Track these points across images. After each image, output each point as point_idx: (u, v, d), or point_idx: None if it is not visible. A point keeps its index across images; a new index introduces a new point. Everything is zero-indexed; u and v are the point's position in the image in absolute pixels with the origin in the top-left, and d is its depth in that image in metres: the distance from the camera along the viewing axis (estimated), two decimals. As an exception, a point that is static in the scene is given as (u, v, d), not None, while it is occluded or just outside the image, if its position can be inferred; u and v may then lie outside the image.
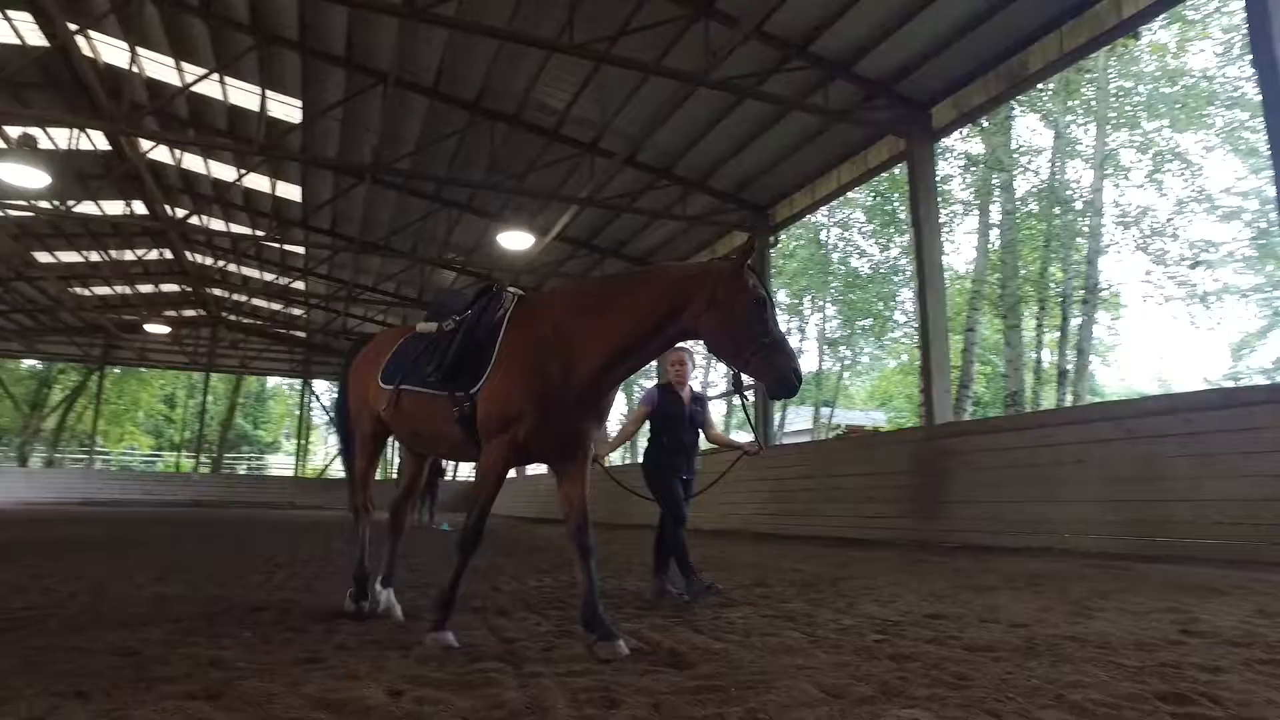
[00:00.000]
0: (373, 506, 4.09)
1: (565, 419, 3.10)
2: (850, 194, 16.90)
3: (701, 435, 5.17)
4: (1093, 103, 17.76)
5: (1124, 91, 17.62)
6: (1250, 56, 7.73)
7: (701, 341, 3.12)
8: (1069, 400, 18.21)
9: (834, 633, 3.44)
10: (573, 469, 3.26)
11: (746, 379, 3.11)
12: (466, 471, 33.21)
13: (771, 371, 2.89)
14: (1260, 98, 7.21)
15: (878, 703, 2.22)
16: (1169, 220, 17.52)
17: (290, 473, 35.48)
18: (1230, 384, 20.40)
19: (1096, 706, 2.15)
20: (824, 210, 19.99)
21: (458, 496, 29.98)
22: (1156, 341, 46.66)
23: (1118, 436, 7.33)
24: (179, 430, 42.50)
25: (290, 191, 18.39)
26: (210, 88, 13.88)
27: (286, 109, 14.30)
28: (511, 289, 3.45)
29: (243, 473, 39.63)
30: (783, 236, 15.08)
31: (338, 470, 31.74)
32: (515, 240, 15.24)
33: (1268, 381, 17.88)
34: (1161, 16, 11.65)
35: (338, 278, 24.08)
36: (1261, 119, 8.23)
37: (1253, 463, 6.20)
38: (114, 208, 19.93)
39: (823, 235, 25.59)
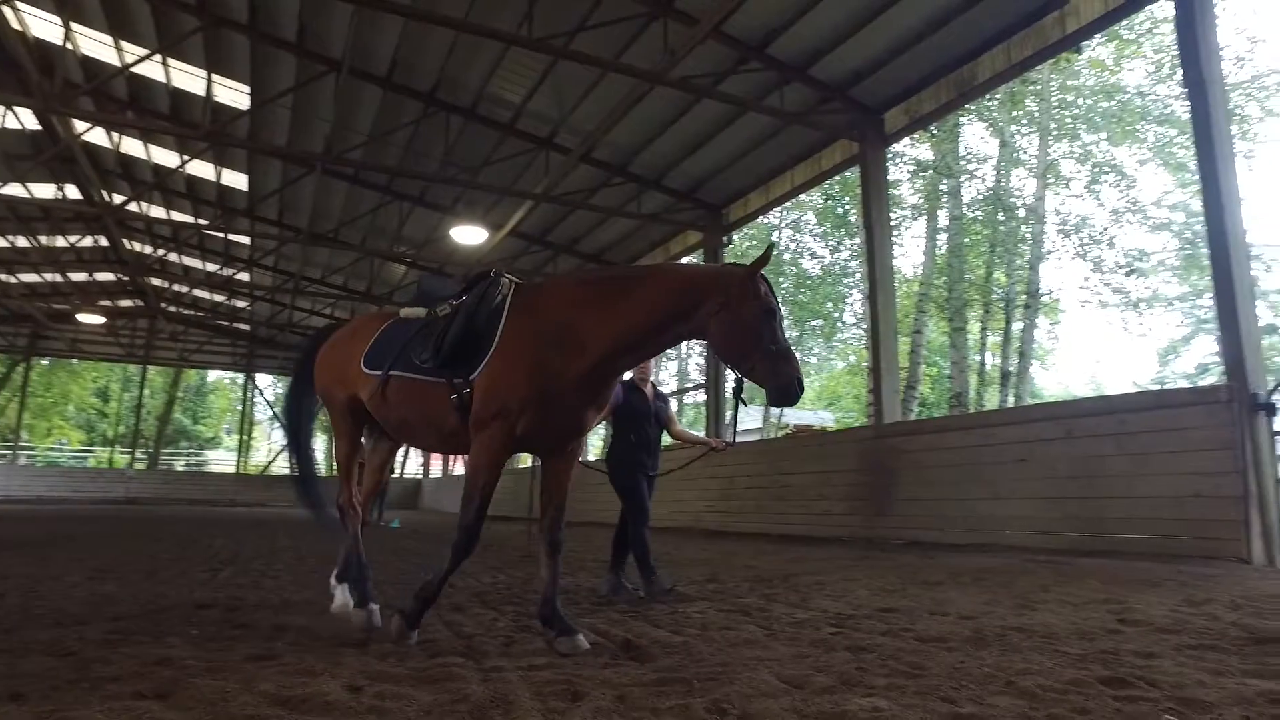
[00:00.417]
0: (359, 502, 3.78)
1: (565, 409, 3.07)
2: (801, 196, 17.12)
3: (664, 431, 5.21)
4: (1036, 114, 18.37)
5: (1065, 104, 18.28)
6: (1180, 76, 8.11)
7: (707, 342, 3.11)
8: (1011, 401, 18.79)
9: (790, 626, 3.51)
10: (563, 463, 3.24)
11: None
12: (412, 469, 32.73)
13: (776, 379, 2.90)
14: (1189, 115, 7.56)
15: (838, 692, 2.26)
16: (1105, 229, 18.25)
17: (231, 469, 34.39)
18: (1157, 387, 21.34)
19: (1045, 691, 2.24)
20: (775, 211, 20.23)
21: (406, 493, 29.60)
22: (1091, 345, 48.62)
23: (1058, 436, 7.61)
24: (113, 425, 40.76)
25: (236, 179, 17.79)
26: (152, 69, 13.33)
27: (234, 94, 13.83)
28: (508, 276, 3.38)
29: (181, 469, 38.33)
30: (735, 236, 15.23)
31: (281, 467, 30.89)
32: (468, 234, 15.07)
33: (1190, 385, 18.76)
34: (1100, 34, 12.12)
35: (284, 269, 23.42)
36: (1190, 136, 8.63)
37: (1181, 461, 6.51)
38: (44, 191, 19.01)
39: (774, 236, 25.89)
